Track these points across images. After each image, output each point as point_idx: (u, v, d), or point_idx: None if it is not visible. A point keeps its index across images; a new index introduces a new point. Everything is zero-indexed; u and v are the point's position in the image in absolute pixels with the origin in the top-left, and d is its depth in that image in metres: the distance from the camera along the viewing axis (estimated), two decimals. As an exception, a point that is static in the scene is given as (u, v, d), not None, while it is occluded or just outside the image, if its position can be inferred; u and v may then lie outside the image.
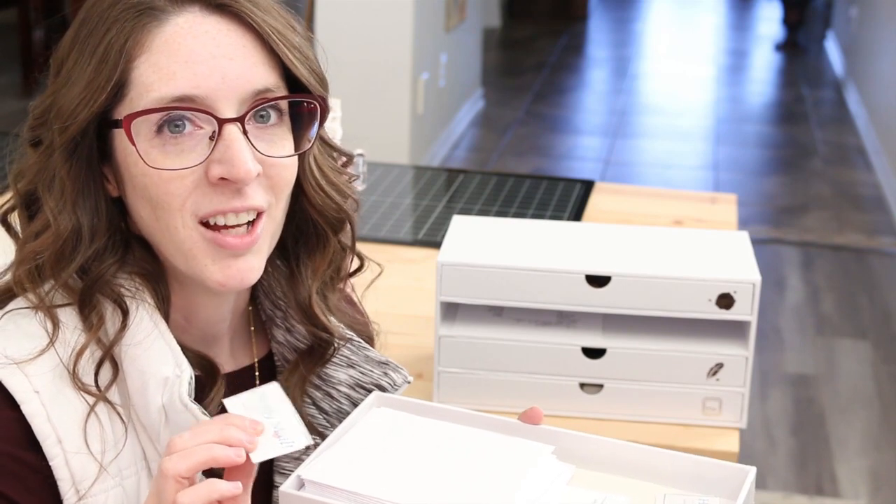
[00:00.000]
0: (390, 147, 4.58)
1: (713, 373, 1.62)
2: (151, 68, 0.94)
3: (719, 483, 0.99)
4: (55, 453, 0.94)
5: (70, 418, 0.95)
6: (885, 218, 4.99)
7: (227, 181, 0.95)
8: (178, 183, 0.95)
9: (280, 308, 1.10)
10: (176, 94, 0.94)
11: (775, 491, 3.13)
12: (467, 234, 1.69)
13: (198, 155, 0.95)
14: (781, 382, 3.69)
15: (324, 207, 1.05)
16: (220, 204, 0.96)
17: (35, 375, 0.95)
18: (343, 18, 4.56)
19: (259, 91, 0.96)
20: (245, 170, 0.94)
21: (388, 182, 2.54)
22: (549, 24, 8.50)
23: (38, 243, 0.97)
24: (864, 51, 6.45)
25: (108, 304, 0.99)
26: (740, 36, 8.81)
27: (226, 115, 0.95)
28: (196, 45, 0.95)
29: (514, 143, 5.86)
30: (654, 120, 6.40)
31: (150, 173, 0.95)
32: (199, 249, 0.97)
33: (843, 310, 4.19)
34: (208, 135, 0.95)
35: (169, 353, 0.98)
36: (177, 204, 0.96)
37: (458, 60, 5.53)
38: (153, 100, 0.94)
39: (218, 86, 0.95)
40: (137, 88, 0.95)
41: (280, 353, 1.11)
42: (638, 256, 1.63)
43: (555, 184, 2.54)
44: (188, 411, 0.96)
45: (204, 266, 0.98)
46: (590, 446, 1.03)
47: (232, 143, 0.95)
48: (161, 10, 0.95)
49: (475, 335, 1.64)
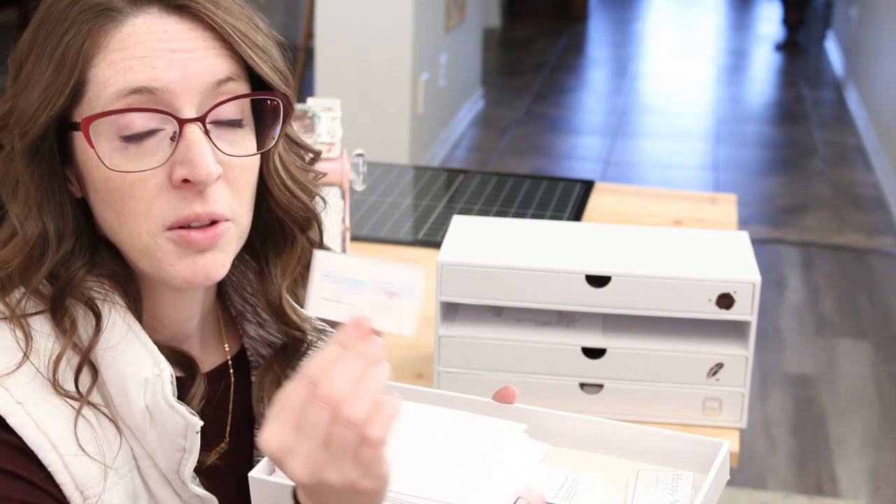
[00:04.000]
0: (390, 147, 4.58)
1: (713, 373, 1.62)
2: (108, 66, 0.93)
3: (693, 457, 1.00)
4: (51, 459, 0.92)
5: (59, 423, 0.93)
6: (885, 218, 4.99)
7: (190, 183, 0.93)
8: (141, 186, 0.93)
9: (250, 303, 1.09)
10: (133, 85, 0.92)
11: (775, 491, 3.13)
12: (467, 234, 1.69)
13: (160, 156, 0.93)
14: (781, 382, 3.69)
15: (289, 206, 1.04)
16: (185, 211, 0.94)
17: (15, 388, 0.93)
18: (343, 18, 4.56)
19: (220, 81, 0.95)
20: (206, 171, 0.92)
21: (388, 182, 2.54)
22: (549, 24, 8.50)
23: (6, 252, 0.95)
24: (864, 51, 6.45)
25: (79, 308, 0.97)
26: (740, 36, 8.81)
27: (186, 115, 0.93)
28: (153, 42, 0.93)
29: (514, 143, 5.86)
30: (654, 120, 6.40)
31: (113, 177, 0.93)
32: (164, 252, 0.96)
33: (843, 310, 4.19)
34: (169, 135, 0.94)
35: (146, 354, 0.96)
36: (142, 210, 0.94)
37: (458, 60, 5.53)
38: (110, 94, 0.92)
39: (177, 79, 0.93)
40: (95, 87, 0.93)
41: (253, 347, 1.11)
42: (638, 256, 1.63)
43: (555, 184, 2.54)
44: (175, 412, 0.95)
45: (170, 266, 0.96)
46: (563, 424, 1.03)
47: (193, 142, 0.93)
48: (118, 11, 0.94)
49: (475, 335, 1.64)
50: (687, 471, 0.99)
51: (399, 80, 4.66)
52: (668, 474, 0.99)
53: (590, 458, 1.03)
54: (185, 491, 0.99)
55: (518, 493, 0.94)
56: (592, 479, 0.99)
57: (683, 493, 0.97)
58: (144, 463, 0.98)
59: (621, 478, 1.00)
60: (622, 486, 1.00)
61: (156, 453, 0.98)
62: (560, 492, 0.98)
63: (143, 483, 0.99)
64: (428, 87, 4.92)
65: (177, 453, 0.97)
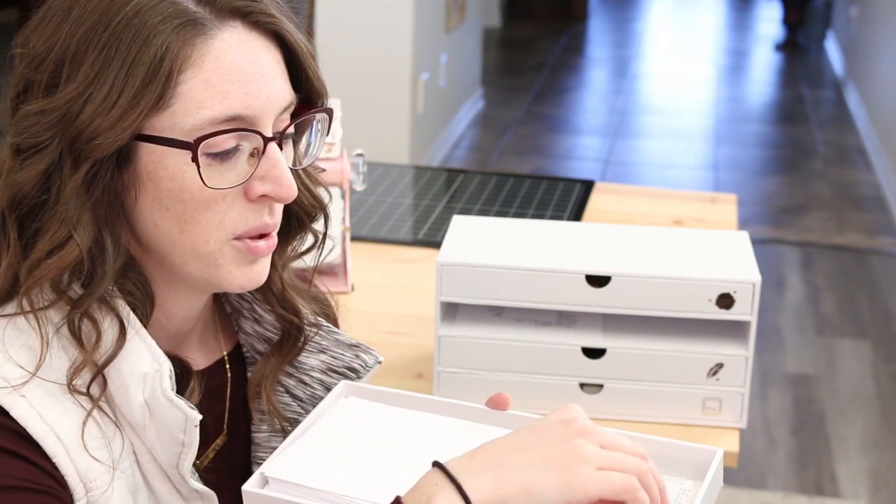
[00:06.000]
0: (390, 147, 4.59)
1: (713, 373, 1.62)
2: (202, 85, 0.92)
3: (688, 464, 0.99)
4: (56, 450, 0.92)
5: (64, 416, 0.94)
6: (885, 218, 4.99)
7: (268, 198, 0.96)
8: (219, 199, 0.95)
9: (247, 299, 1.11)
10: (229, 113, 0.93)
11: (775, 491, 3.13)
12: (467, 234, 1.69)
13: (241, 172, 0.95)
14: (781, 382, 3.69)
15: (300, 199, 1.06)
16: (256, 223, 0.97)
17: (25, 389, 0.93)
18: (343, 18, 4.56)
19: (286, 107, 0.97)
20: (293, 189, 0.96)
21: (388, 182, 2.54)
22: (549, 24, 8.50)
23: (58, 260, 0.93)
24: (864, 51, 6.45)
25: (106, 318, 0.96)
26: (740, 36, 8.81)
27: (267, 133, 0.95)
28: (245, 62, 0.94)
29: (514, 143, 5.86)
30: (654, 120, 6.40)
31: (191, 189, 0.93)
32: (225, 259, 0.97)
33: (843, 310, 4.19)
34: (248, 152, 0.95)
35: (145, 349, 0.97)
36: (214, 221, 0.95)
37: (458, 60, 5.53)
38: (205, 119, 0.92)
39: (265, 104, 0.95)
40: (185, 104, 0.92)
41: (248, 343, 1.12)
42: (638, 256, 1.63)
43: (555, 184, 2.54)
44: (174, 406, 0.95)
45: (229, 272, 0.98)
46: None
47: (277, 161, 0.95)
48: (206, 25, 0.93)
49: (475, 335, 1.64)
50: (685, 478, 0.99)
51: (399, 80, 4.66)
52: (677, 488, 0.99)
53: None
54: (185, 486, 1.00)
55: None
56: None
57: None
58: (144, 458, 0.99)
59: None
60: None
61: (155, 448, 0.98)
62: None
63: (142, 478, 0.99)
64: (428, 87, 4.92)
65: (176, 448, 0.98)
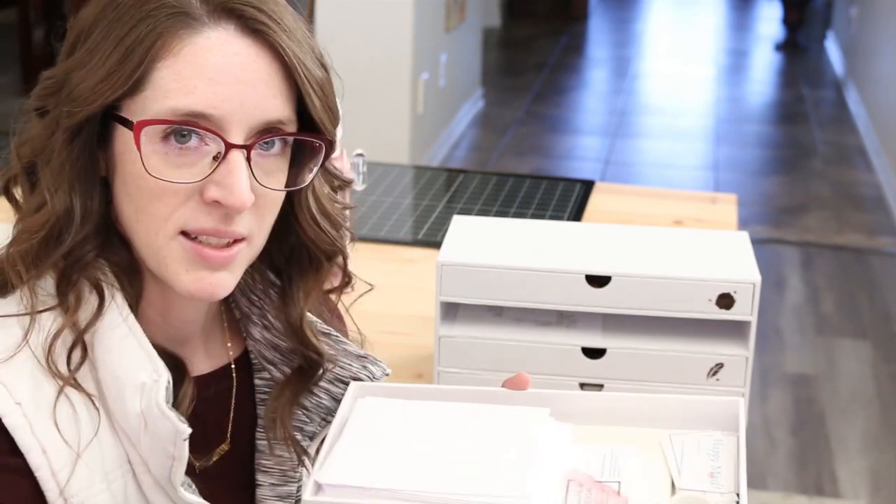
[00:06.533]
0: (390, 147, 4.58)
1: (713, 373, 1.62)
2: (174, 75, 0.92)
3: (712, 418, 1.01)
4: (40, 463, 0.92)
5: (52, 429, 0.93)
6: (885, 218, 4.99)
7: (220, 205, 0.94)
8: (171, 193, 0.94)
9: (257, 305, 1.09)
10: (193, 108, 0.92)
11: (775, 491, 3.13)
12: (467, 234, 1.69)
13: (198, 171, 0.94)
14: (781, 382, 3.69)
15: (317, 239, 1.05)
16: (207, 224, 0.95)
17: (14, 384, 0.93)
18: (343, 18, 4.56)
19: (270, 122, 0.95)
20: (242, 200, 0.93)
21: (388, 182, 2.54)
22: (549, 24, 8.50)
23: (33, 221, 0.96)
24: (864, 51, 6.45)
25: (85, 287, 0.97)
26: (740, 36, 8.81)
27: (234, 140, 0.93)
28: (222, 63, 0.93)
29: (514, 143, 5.86)
30: (654, 120, 6.40)
31: (147, 178, 0.93)
32: (173, 258, 0.96)
33: (843, 310, 4.19)
34: (212, 154, 0.94)
35: (145, 358, 0.96)
36: (164, 214, 0.94)
37: (458, 60, 5.53)
38: (168, 108, 0.92)
39: (234, 110, 0.93)
40: (154, 91, 0.92)
41: (256, 350, 1.10)
42: (638, 256, 1.63)
43: (555, 184, 2.54)
44: (166, 417, 0.95)
45: (176, 274, 0.96)
46: (580, 402, 1.04)
47: (235, 169, 0.93)
48: (196, 20, 0.93)
49: (475, 335, 1.64)
50: (716, 430, 1.01)
51: (399, 80, 4.66)
52: (709, 439, 1.00)
53: (615, 432, 1.02)
54: (180, 499, 0.99)
55: (567, 476, 0.94)
56: (629, 452, 0.99)
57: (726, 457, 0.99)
58: (140, 469, 0.98)
59: (654, 446, 1.00)
60: (660, 455, 0.99)
61: (149, 459, 0.97)
62: (605, 468, 0.97)
63: (137, 489, 0.98)
64: (428, 86, 4.92)
65: (167, 460, 0.97)
